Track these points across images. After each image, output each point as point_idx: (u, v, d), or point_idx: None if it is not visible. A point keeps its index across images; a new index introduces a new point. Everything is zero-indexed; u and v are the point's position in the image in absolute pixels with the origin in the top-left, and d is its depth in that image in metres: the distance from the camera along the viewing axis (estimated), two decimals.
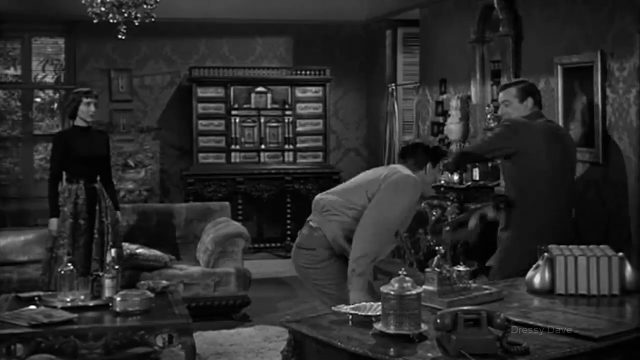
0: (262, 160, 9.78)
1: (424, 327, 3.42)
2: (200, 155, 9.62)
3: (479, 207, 5.63)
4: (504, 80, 6.53)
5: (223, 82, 9.66)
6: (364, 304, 3.85)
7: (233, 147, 9.68)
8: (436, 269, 3.93)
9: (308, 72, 9.96)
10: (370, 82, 10.64)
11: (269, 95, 9.79)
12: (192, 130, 9.67)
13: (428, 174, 4.66)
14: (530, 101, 5.01)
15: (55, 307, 5.09)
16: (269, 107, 9.79)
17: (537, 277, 3.95)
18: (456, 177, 6.93)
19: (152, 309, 5.11)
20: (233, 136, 9.67)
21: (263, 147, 9.77)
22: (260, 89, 9.76)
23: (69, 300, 5.22)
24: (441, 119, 8.21)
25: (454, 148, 7.44)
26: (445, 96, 8.25)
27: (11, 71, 10.31)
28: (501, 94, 5.12)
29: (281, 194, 9.78)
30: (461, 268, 3.96)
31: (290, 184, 9.69)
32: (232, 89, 9.67)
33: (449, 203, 6.99)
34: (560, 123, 5.81)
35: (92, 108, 6.48)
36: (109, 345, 4.81)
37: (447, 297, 3.84)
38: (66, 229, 6.27)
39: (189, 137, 9.82)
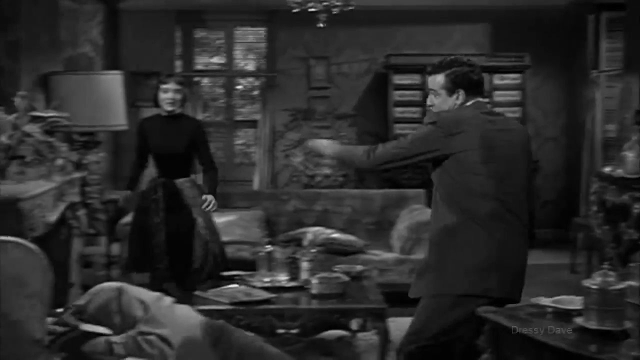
0: None
1: (627, 323, 3.29)
2: None
3: None
4: None
5: (419, 69, 9.62)
6: (564, 297, 3.75)
7: None
8: None
9: (506, 59, 9.76)
10: (571, 69, 10.30)
11: None
12: (387, 117, 9.71)
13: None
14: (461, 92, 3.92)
15: (254, 287, 5.27)
16: None
17: None
18: None
19: (346, 293, 5.19)
20: None
21: None
22: None
23: (267, 280, 5.40)
24: None
25: None
26: None
27: (215, 59, 10.73)
28: (429, 79, 4.03)
29: None
30: None
31: None
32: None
33: None
34: None
35: (170, 95, 5.66)
36: (305, 326, 4.93)
37: None
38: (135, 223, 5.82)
39: (384, 124, 9.87)
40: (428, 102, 4.06)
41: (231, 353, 3.69)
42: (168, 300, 3.81)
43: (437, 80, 3.94)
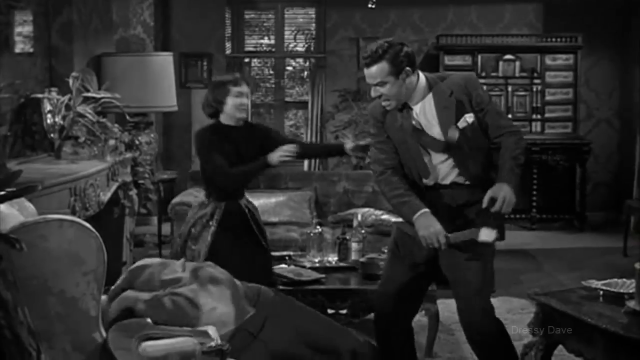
0: None
1: None
2: None
3: None
4: None
5: (470, 50, 9.56)
6: (615, 280, 3.72)
7: None
8: None
9: (558, 39, 9.63)
10: (625, 50, 10.12)
11: (517, 63, 9.57)
12: None
13: None
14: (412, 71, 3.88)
15: (304, 267, 5.30)
16: (517, 75, 9.57)
17: None
18: None
19: None
20: None
21: (510, 116, 9.58)
22: (508, 56, 9.56)
23: (317, 260, 5.43)
24: None
25: None
26: None
27: (265, 40, 10.75)
28: (368, 72, 3.89)
29: (527, 164, 9.50)
30: None
31: (537, 154, 9.44)
32: (479, 57, 9.55)
33: None
34: None
35: (244, 100, 4.89)
36: (354, 307, 4.95)
37: None
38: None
39: None
40: (373, 95, 3.93)
41: (273, 319, 3.66)
42: (209, 269, 3.82)
43: (379, 69, 3.82)
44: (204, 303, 3.51)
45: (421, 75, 3.93)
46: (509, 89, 9.57)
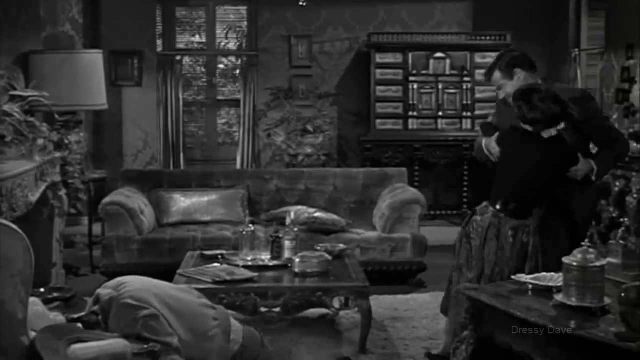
0: (440, 126, 9.70)
1: (606, 300, 3.32)
2: (378, 121, 9.63)
3: None
4: None
5: (401, 48, 9.62)
6: (544, 274, 3.78)
7: (410, 113, 9.65)
8: (620, 241, 3.81)
9: (488, 38, 9.75)
10: (552, 48, 10.30)
11: (448, 61, 9.67)
12: (369, 96, 9.69)
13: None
14: (519, 72, 4.79)
15: (237, 266, 5.29)
16: (448, 73, 9.68)
17: None
18: None
19: (329, 271, 5.21)
20: (410, 102, 9.63)
21: (440, 113, 9.69)
22: (438, 54, 9.66)
23: (250, 259, 5.41)
24: (627, 86, 7.88)
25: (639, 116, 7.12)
26: (632, 62, 7.89)
27: (196, 38, 10.67)
28: (493, 81, 4.85)
29: (458, 161, 9.67)
30: None
31: (467, 151, 9.55)
32: (410, 55, 9.62)
33: (633, 173, 6.71)
34: None
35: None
36: (287, 304, 4.95)
37: (632, 270, 3.72)
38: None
39: (366, 102, 9.86)
40: (501, 97, 4.85)
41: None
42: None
43: (495, 77, 4.77)
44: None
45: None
46: (440, 86, 9.66)
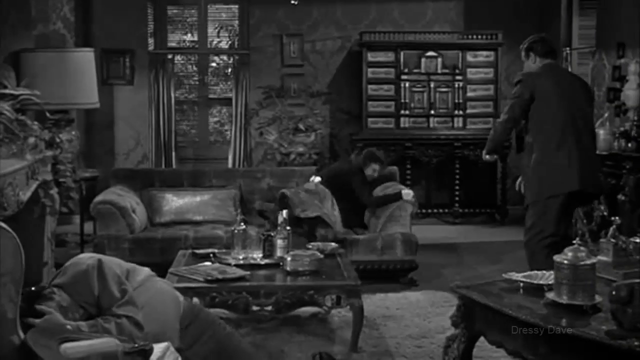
0: (431, 125, 9.71)
1: (597, 298, 3.33)
2: (370, 119, 9.64)
3: None
4: None
5: (393, 47, 9.63)
6: (536, 272, 3.79)
7: (402, 111, 9.65)
8: (611, 239, 3.82)
9: (479, 36, 9.77)
10: None
11: (439, 60, 9.68)
12: (361, 95, 9.70)
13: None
14: (532, 56, 5.58)
15: (228, 264, 5.28)
16: (439, 71, 9.69)
17: None
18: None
19: (321, 270, 5.21)
20: (402, 101, 9.64)
21: (432, 112, 9.70)
22: (430, 53, 9.66)
23: (241, 257, 5.41)
24: (618, 85, 7.91)
25: (630, 115, 7.14)
26: (622, 60, 7.92)
27: (188, 37, 10.66)
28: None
29: (450, 159, 9.69)
30: (638, 239, 3.83)
31: (459, 149, 9.59)
32: (402, 54, 9.63)
33: (624, 172, 6.73)
34: None
35: None
36: (279, 303, 4.95)
37: (623, 268, 3.73)
38: None
39: (358, 101, 9.86)
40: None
41: (202, 338, 3.70)
42: (144, 274, 3.77)
43: (522, 54, 5.67)
44: (146, 323, 3.46)
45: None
46: (432, 85, 9.67)
